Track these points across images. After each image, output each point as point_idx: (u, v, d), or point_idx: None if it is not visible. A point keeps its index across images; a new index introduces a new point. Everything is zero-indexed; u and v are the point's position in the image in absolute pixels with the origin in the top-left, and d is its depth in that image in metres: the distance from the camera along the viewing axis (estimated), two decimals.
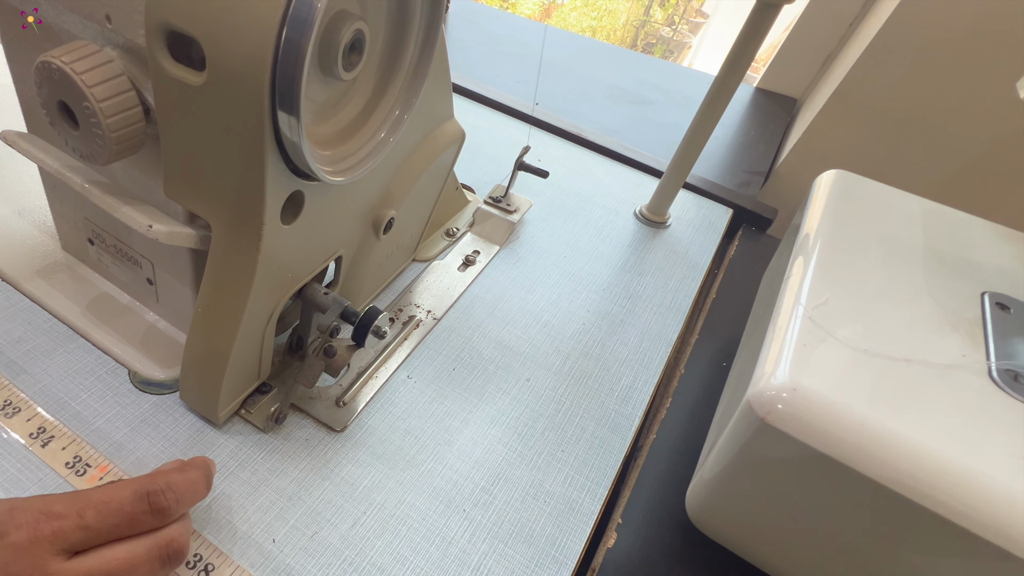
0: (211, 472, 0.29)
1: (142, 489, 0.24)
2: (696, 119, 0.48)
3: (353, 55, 0.26)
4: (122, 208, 0.29)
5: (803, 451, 0.24)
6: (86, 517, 0.23)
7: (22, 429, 0.31)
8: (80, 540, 0.23)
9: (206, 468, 0.28)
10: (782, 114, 0.80)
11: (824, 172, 0.40)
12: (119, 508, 0.24)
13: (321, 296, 0.33)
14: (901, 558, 0.25)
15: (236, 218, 0.27)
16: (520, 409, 0.38)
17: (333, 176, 0.27)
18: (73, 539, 0.23)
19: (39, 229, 0.41)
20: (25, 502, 0.23)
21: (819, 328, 0.27)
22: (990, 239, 0.36)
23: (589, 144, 0.65)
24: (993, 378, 0.26)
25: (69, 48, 0.24)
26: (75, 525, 0.23)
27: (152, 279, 0.35)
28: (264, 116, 0.23)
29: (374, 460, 0.33)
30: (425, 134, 0.37)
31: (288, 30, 0.21)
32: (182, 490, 0.26)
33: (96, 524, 0.23)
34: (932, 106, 0.60)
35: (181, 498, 0.25)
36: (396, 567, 0.29)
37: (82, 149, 0.26)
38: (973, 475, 0.22)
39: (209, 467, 0.29)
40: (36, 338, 0.35)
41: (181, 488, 0.26)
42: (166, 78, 0.23)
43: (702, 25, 3.02)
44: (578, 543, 0.32)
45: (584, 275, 0.48)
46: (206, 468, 0.28)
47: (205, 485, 0.28)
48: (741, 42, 0.44)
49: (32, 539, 0.22)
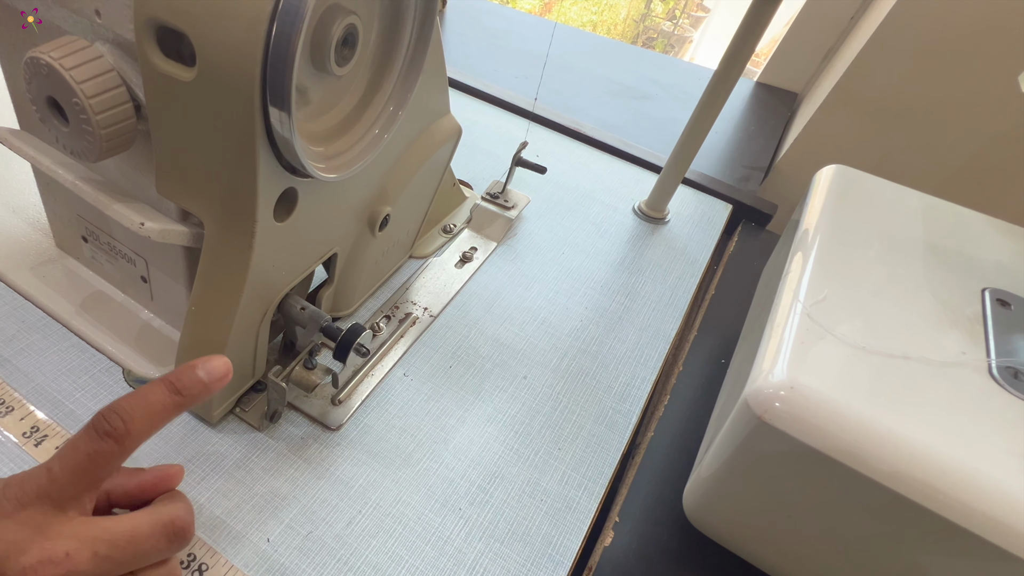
0: (182, 390, 0.25)
1: (88, 423, 0.23)
2: (695, 114, 0.48)
3: (346, 50, 0.25)
4: (114, 205, 0.29)
5: (801, 449, 0.24)
6: (53, 468, 0.23)
7: (15, 428, 0.31)
8: (60, 493, 0.23)
9: (165, 381, 0.25)
10: (782, 109, 0.79)
11: (824, 167, 0.40)
12: (73, 448, 0.23)
13: (298, 312, 0.32)
14: (899, 556, 0.25)
15: (229, 215, 0.26)
16: (517, 407, 0.37)
17: (327, 173, 0.27)
18: (53, 494, 0.22)
19: (33, 226, 0.41)
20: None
21: (818, 325, 0.27)
22: (990, 235, 0.36)
23: (588, 139, 0.65)
24: (993, 375, 0.26)
25: (58, 44, 0.24)
26: (47, 480, 0.22)
27: (146, 277, 0.35)
28: (255, 112, 0.22)
29: (370, 459, 0.33)
30: (421, 130, 0.37)
31: (278, 24, 0.21)
32: (128, 408, 0.23)
33: (59, 471, 0.23)
34: (933, 101, 0.59)
35: (130, 417, 0.23)
36: (392, 566, 0.29)
37: (72, 146, 0.26)
38: (972, 473, 0.22)
39: (177, 386, 0.25)
40: (29, 336, 0.35)
41: (127, 407, 0.23)
42: (156, 74, 0.23)
43: (703, 19, 3.01)
44: (575, 542, 0.32)
45: (582, 272, 0.48)
46: (165, 381, 0.25)
47: (164, 389, 0.24)
48: (741, 36, 0.43)
49: (20, 503, 0.22)
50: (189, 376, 0.24)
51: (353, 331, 0.32)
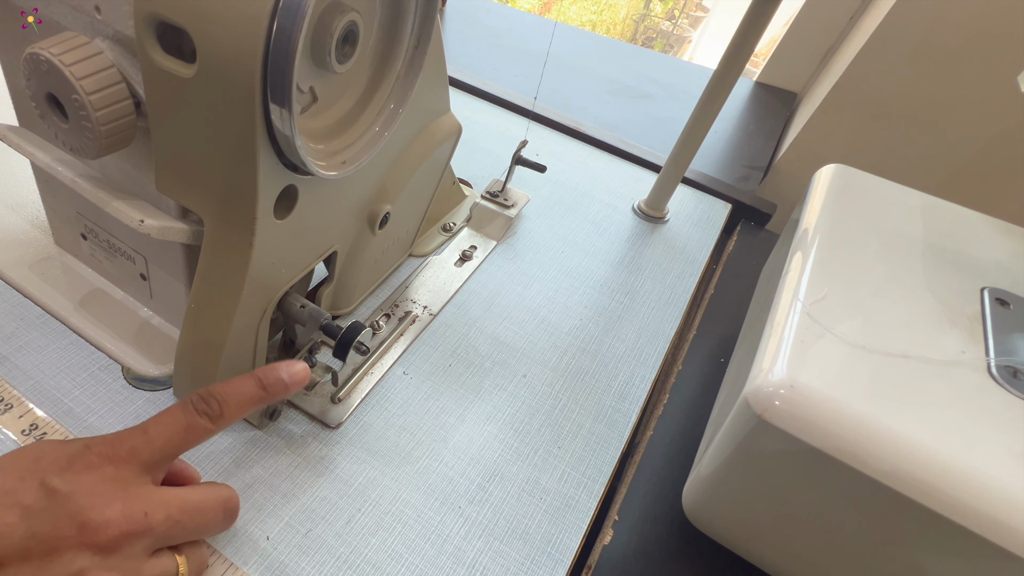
0: (264, 379, 0.28)
1: (186, 399, 0.26)
2: (695, 113, 0.48)
3: (346, 47, 0.25)
4: (113, 202, 0.28)
5: (800, 448, 0.24)
6: (149, 431, 0.25)
7: (14, 426, 0.31)
8: (150, 456, 0.25)
9: (255, 378, 0.28)
10: (781, 108, 0.79)
11: (824, 167, 0.40)
12: (172, 417, 0.25)
13: (297, 310, 0.32)
14: (898, 555, 0.25)
15: (229, 212, 0.26)
16: (516, 405, 0.37)
17: (327, 170, 0.27)
18: (144, 455, 0.24)
19: (32, 224, 0.41)
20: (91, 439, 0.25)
21: (817, 324, 0.27)
22: (990, 234, 0.36)
23: (587, 139, 0.65)
24: (992, 374, 0.26)
25: (58, 39, 0.24)
26: (142, 440, 0.24)
27: (145, 274, 0.35)
28: (255, 109, 0.22)
29: (369, 457, 0.33)
30: (421, 128, 0.37)
31: (279, 20, 0.21)
32: (223, 395, 0.26)
33: (155, 434, 0.25)
34: (932, 101, 0.59)
35: (225, 402, 0.26)
36: (391, 564, 0.29)
37: (72, 142, 0.26)
38: (972, 472, 0.22)
39: (259, 378, 0.28)
40: (28, 334, 0.35)
41: (222, 394, 0.26)
42: (156, 70, 0.23)
43: (702, 19, 3.01)
44: (574, 540, 0.32)
45: (581, 271, 0.48)
46: (255, 378, 0.28)
47: (254, 385, 0.28)
48: (740, 36, 0.43)
49: (109, 457, 0.24)
50: (274, 375, 0.28)
51: (353, 329, 0.32)
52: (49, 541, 0.22)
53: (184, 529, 0.25)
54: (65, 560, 0.22)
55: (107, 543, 0.23)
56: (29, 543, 0.22)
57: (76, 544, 0.22)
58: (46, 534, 0.22)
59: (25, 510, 0.22)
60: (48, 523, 0.22)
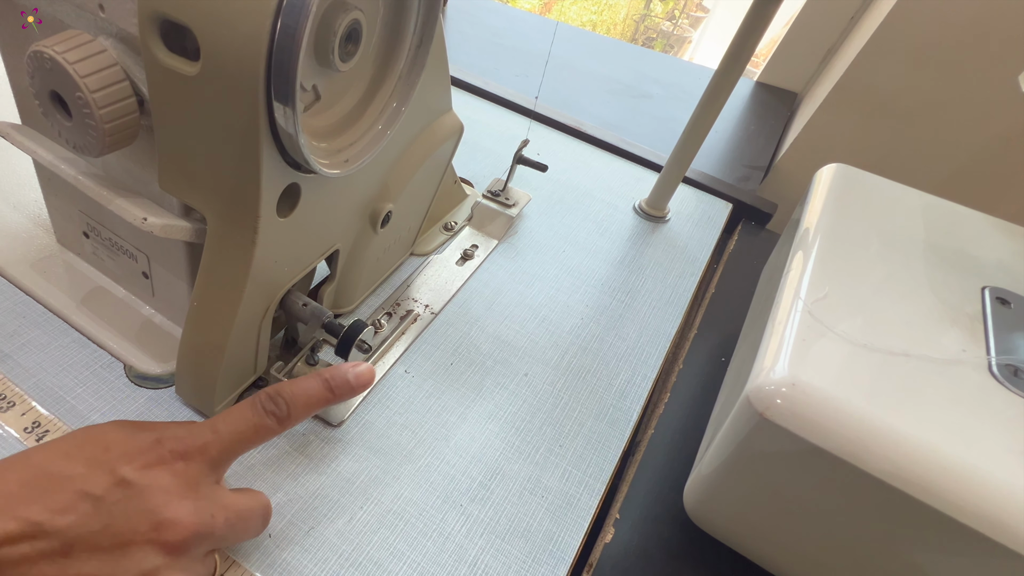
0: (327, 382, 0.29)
1: (255, 398, 0.27)
2: (696, 113, 0.48)
3: (350, 45, 0.25)
4: (116, 200, 0.28)
5: (802, 446, 0.24)
6: (219, 430, 0.25)
7: (16, 423, 0.31)
8: (219, 454, 0.25)
9: (322, 378, 0.28)
10: (782, 108, 0.79)
11: (824, 166, 0.40)
12: (241, 416, 0.26)
13: (299, 308, 0.32)
14: (899, 554, 0.25)
15: (231, 211, 0.26)
16: (518, 404, 0.38)
17: (330, 169, 0.27)
18: (213, 453, 0.25)
19: (34, 222, 0.41)
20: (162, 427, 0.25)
21: (818, 323, 0.27)
22: (991, 233, 0.36)
23: (588, 138, 0.65)
24: (993, 373, 0.26)
25: (62, 37, 0.24)
26: (213, 438, 0.25)
27: (147, 273, 0.35)
28: (259, 107, 0.22)
29: (371, 455, 0.33)
30: (423, 127, 0.37)
31: (283, 18, 0.21)
32: (291, 396, 0.27)
33: (225, 433, 0.25)
34: (933, 100, 0.59)
35: (293, 403, 0.27)
36: (393, 562, 0.29)
37: (75, 140, 0.26)
38: (973, 471, 0.22)
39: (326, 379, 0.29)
40: (30, 332, 0.35)
41: (290, 394, 0.27)
42: (160, 68, 0.23)
43: (703, 19, 3.01)
44: (575, 538, 0.32)
45: (583, 270, 0.48)
46: (322, 378, 0.28)
47: (321, 386, 0.28)
48: (741, 36, 0.43)
49: (181, 454, 0.24)
50: (342, 377, 0.28)
51: (355, 328, 0.32)
52: (122, 535, 0.22)
53: (235, 534, 0.25)
54: (137, 557, 0.22)
55: (178, 543, 0.22)
56: (100, 536, 0.21)
57: (148, 541, 0.22)
58: (119, 528, 0.22)
59: (98, 501, 0.21)
60: (122, 517, 0.22)
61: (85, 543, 0.21)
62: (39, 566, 0.20)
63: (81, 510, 0.21)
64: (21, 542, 0.20)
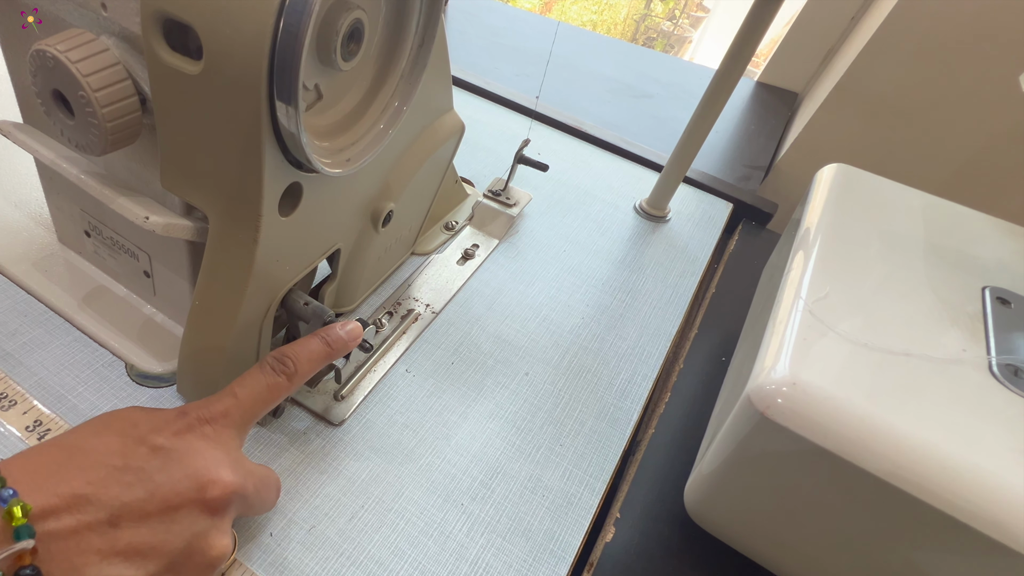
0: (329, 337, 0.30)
1: (262, 361, 0.28)
2: (697, 113, 0.48)
3: (352, 45, 0.25)
4: (118, 199, 0.29)
5: (802, 445, 0.24)
6: (238, 393, 0.26)
7: (18, 422, 0.31)
8: (241, 416, 0.26)
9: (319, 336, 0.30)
10: (783, 108, 0.79)
11: (825, 166, 0.40)
12: (254, 379, 0.27)
13: (301, 307, 0.32)
14: (900, 553, 0.25)
15: (233, 209, 0.26)
16: (519, 403, 0.38)
17: (331, 168, 0.27)
18: (236, 416, 0.26)
19: (35, 221, 0.41)
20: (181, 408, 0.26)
21: (819, 322, 0.27)
22: (991, 233, 0.36)
23: (589, 138, 0.65)
24: (993, 373, 0.26)
25: (64, 36, 0.24)
26: (233, 403, 0.26)
27: (149, 271, 0.35)
28: (261, 106, 0.22)
29: (372, 454, 0.33)
30: (424, 126, 0.37)
31: (286, 18, 0.21)
32: (295, 354, 0.28)
33: (244, 396, 0.26)
34: (933, 100, 0.59)
35: (298, 360, 0.28)
36: (394, 561, 0.29)
37: (77, 139, 0.26)
38: (973, 470, 0.22)
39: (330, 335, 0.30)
40: (32, 330, 0.35)
41: (294, 353, 0.28)
42: (162, 67, 0.23)
43: (703, 19, 3.01)
44: (576, 537, 0.32)
45: (583, 269, 0.48)
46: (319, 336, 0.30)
47: (320, 343, 0.29)
48: (742, 35, 0.43)
49: (207, 419, 0.25)
50: (334, 333, 0.30)
51: None
52: (168, 499, 0.22)
53: (260, 501, 0.26)
54: (186, 521, 0.22)
55: (221, 501, 0.23)
56: (147, 503, 0.21)
57: (193, 501, 0.22)
58: (165, 493, 0.22)
59: (139, 471, 0.22)
60: (167, 482, 0.22)
61: (132, 512, 0.21)
62: (87, 538, 0.20)
63: (124, 480, 0.21)
64: (65, 515, 0.20)
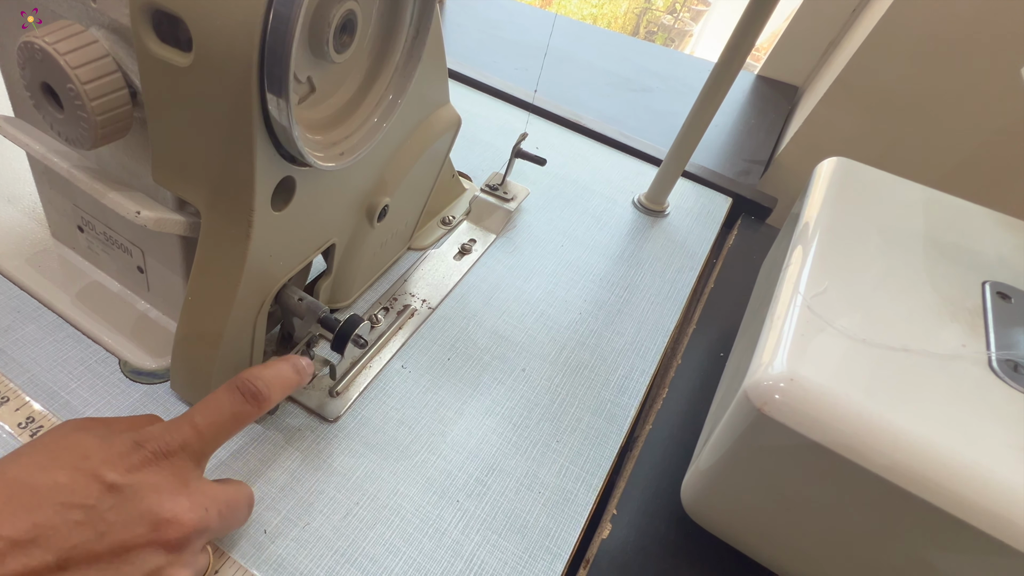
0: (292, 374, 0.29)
1: (231, 384, 0.26)
2: (696, 107, 0.48)
3: (345, 36, 0.25)
4: (109, 194, 0.28)
5: (800, 442, 0.24)
6: (197, 423, 0.25)
7: (10, 419, 0.31)
8: (201, 448, 0.25)
9: (290, 362, 0.29)
10: (783, 102, 0.79)
11: (825, 160, 0.40)
12: (218, 406, 0.25)
13: (295, 303, 0.32)
14: (898, 549, 0.25)
15: (225, 204, 0.26)
16: (515, 399, 0.37)
17: (325, 162, 0.27)
18: (195, 447, 0.24)
19: (28, 216, 0.40)
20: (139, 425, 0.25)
21: (817, 317, 0.27)
22: (991, 228, 0.36)
23: (588, 132, 0.64)
24: (993, 368, 0.26)
25: (52, 28, 0.24)
26: (192, 434, 0.24)
27: (142, 267, 0.35)
28: (252, 99, 0.22)
29: (367, 450, 0.33)
30: (420, 120, 0.37)
31: (276, 8, 0.20)
32: (268, 378, 0.27)
33: (205, 426, 0.25)
34: (934, 94, 0.59)
35: (270, 385, 0.27)
36: (389, 558, 0.29)
37: (67, 133, 0.25)
38: (972, 466, 0.22)
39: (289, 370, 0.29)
40: (25, 327, 0.35)
41: (266, 377, 0.27)
42: (152, 59, 0.23)
43: (703, 13, 3.00)
44: (572, 534, 0.32)
45: (581, 264, 0.48)
46: (290, 362, 0.29)
47: (291, 369, 0.29)
48: (742, 29, 0.43)
49: (164, 453, 0.24)
50: (304, 361, 0.30)
51: (351, 322, 0.32)
52: (121, 541, 0.21)
53: (227, 524, 0.25)
54: (138, 561, 0.21)
55: (180, 540, 0.22)
56: (96, 544, 0.20)
57: (148, 542, 0.22)
58: (117, 534, 0.21)
59: (89, 510, 0.21)
60: (118, 523, 0.21)
61: (81, 554, 0.20)
62: None
63: (73, 519, 0.20)
64: (10, 559, 0.19)
